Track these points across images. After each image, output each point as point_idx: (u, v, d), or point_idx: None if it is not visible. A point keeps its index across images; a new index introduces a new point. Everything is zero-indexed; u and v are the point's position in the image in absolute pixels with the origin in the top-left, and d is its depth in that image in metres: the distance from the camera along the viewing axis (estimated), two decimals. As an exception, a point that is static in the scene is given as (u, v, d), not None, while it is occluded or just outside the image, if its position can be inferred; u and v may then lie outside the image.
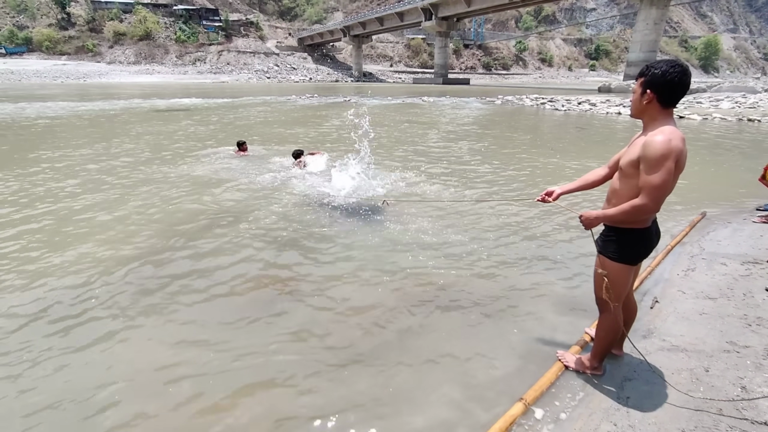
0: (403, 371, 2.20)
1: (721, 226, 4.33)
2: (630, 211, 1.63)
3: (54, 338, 2.48)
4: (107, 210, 4.74)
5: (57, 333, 2.53)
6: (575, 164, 7.38)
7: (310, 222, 4.36)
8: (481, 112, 17.85)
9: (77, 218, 4.48)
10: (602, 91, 30.58)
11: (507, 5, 44.45)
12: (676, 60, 1.61)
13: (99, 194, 5.36)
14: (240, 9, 75.81)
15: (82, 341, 2.45)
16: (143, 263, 3.43)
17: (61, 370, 2.22)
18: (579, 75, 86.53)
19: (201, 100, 22.35)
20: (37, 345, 2.41)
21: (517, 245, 3.84)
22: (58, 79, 46.24)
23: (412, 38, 79.55)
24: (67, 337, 2.49)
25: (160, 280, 3.17)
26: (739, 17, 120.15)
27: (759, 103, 17.88)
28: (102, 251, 3.65)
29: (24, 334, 2.52)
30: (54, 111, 16.02)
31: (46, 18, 58.87)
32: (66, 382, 2.13)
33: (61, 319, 2.67)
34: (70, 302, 2.86)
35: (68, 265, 3.39)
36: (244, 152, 7.67)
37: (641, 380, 2.05)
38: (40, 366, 2.24)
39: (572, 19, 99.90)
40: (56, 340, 2.46)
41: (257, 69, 63.13)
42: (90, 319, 2.67)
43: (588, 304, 2.59)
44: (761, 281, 3.02)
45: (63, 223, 4.37)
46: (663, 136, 1.55)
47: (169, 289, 3.04)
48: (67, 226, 4.26)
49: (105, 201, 5.08)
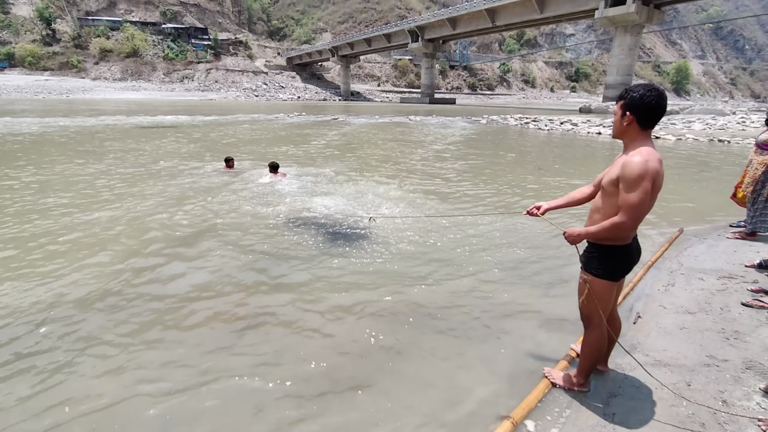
0: (387, 393, 2.17)
1: (697, 242, 4.48)
2: (610, 228, 1.70)
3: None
4: (75, 229, 4.56)
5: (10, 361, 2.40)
6: (559, 181, 7.57)
7: (293, 240, 4.32)
8: (467, 131, 18.22)
9: (41, 240, 4.23)
10: (583, 112, 31.62)
11: (490, 29, 46.06)
12: (652, 84, 1.71)
13: (64, 215, 5.10)
14: (229, 28, 76.63)
15: (43, 366, 2.34)
16: (105, 286, 3.26)
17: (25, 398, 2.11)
18: (561, 96, 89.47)
19: (188, 117, 22.25)
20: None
21: (502, 262, 3.88)
22: (39, 95, 45.53)
23: (399, 59, 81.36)
24: (26, 364, 2.36)
25: (123, 306, 3.00)
26: (706, 45, 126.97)
27: (728, 124, 18.75)
28: (65, 273, 3.50)
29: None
30: (27, 127, 15.67)
31: (30, 34, 58.30)
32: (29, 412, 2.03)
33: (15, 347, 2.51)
34: (25, 330, 2.67)
35: (23, 291, 3.18)
36: (230, 168, 7.67)
37: (627, 396, 2.07)
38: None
39: (553, 43, 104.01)
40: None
41: (245, 87, 63.44)
42: (49, 349, 2.50)
43: (573, 320, 2.62)
44: (737, 295, 3.11)
45: (22, 244, 4.10)
46: (641, 157, 1.63)
47: (134, 316, 2.87)
48: (27, 248, 4.00)
49: (71, 224, 4.79)
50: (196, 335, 2.68)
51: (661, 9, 31.21)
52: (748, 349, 2.43)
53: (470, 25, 45.45)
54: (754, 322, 2.75)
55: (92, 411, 2.02)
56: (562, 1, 34.98)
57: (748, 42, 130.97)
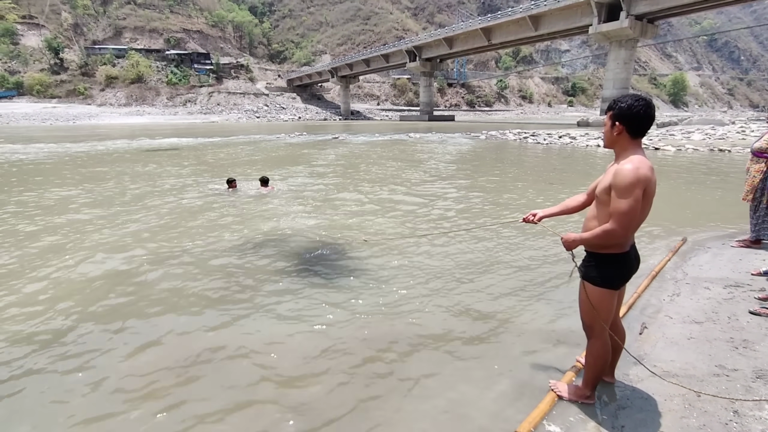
0: (393, 409, 2.14)
1: (701, 251, 4.44)
2: (601, 235, 1.72)
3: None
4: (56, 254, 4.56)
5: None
6: (567, 193, 7.58)
7: (285, 262, 4.26)
8: (467, 147, 18.38)
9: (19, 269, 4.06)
10: (581, 125, 31.90)
11: (486, 47, 46.98)
12: (639, 95, 1.75)
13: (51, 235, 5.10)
14: (231, 53, 78.49)
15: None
16: (68, 311, 3.16)
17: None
18: (558, 111, 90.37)
19: (192, 140, 22.59)
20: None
21: (502, 275, 3.86)
22: (47, 122, 46.44)
23: (398, 78, 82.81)
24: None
25: (87, 335, 2.85)
26: (701, 57, 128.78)
27: (727, 134, 18.82)
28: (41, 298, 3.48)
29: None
30: (31, 153, 15.97)
31: (38, 63, 59.96)
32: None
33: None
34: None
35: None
36: (233, 188, 7.77)
37: (635, 408, 2.03)
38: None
39: (548, 59, 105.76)
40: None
41: (247, 109, 64.53)
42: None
43: (579, 331, 2.59)
44: (744, 304, 3.07)
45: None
46: (632, 165, 1.66)
47: (99, 344, 2.73)
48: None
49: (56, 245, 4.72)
50: (169, 367, 2.50)
51: (654, 23, 31.80)
52: (757, 357, 2.39)
53: (466, 44, 46.40)
54: (763, 330, 2.70)
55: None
56: (556, 19, 35.75)
57: (743, 53, 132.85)
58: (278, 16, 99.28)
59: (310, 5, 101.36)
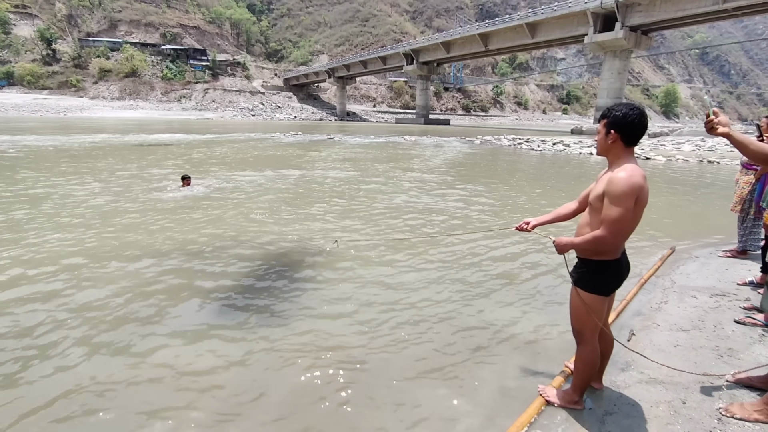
0: (380, 418, 2.13)
1: (689, 260, 4.51)
2: (592, 240, 1.74)
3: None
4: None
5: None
6: (563, 201, 7.64)
7: (252, 269, 4.04)
8: (461, 151, 18.47)
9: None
10: (575, 133, 32.24)
11: (483, 53, 47.37)
12: (633, 103, 1.77)
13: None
14: (228, 50, 78.09)
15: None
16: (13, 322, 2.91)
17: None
18: (553, 118, 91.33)
19: (184, 136, 22.39)
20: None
21: (491, 280, 3.87)
22: (37, 113, 45.75)
23: (395, 80, 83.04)
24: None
25: (47, 348, 2.63)
26: (693, 69, 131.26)
27: (717, 146, 19.17)
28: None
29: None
30: (13, 144, 15.69)
31: (30, 54, 59.04)
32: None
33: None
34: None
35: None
36: (187, 185, 7.66)
37: (622, 414, 2.04)
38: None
39: (544, 67, 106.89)
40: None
41: (242, 107, 64.22)
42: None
43: (568, 337, 2.61)
44: (729, 313, 3.12)
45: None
46: (625, 173, 1.68)
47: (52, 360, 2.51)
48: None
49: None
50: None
51: (648, 35, 32.37)
52: (741, 366, 2.42)
53: (464, 49, 46.74)
54: (748, 339, 2.74)
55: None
56: (552, 27, 36.20)
57: (733, 67, 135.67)
58: (276, 15, 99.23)
59: (308, 5, 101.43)
